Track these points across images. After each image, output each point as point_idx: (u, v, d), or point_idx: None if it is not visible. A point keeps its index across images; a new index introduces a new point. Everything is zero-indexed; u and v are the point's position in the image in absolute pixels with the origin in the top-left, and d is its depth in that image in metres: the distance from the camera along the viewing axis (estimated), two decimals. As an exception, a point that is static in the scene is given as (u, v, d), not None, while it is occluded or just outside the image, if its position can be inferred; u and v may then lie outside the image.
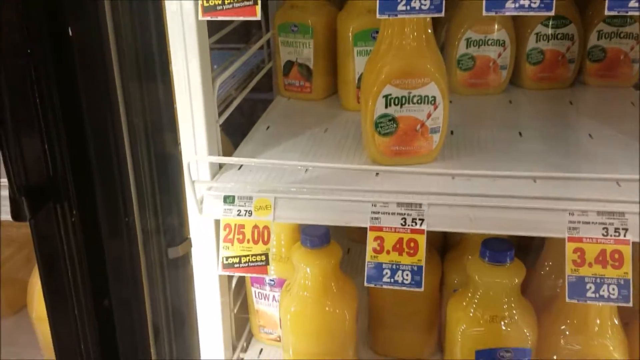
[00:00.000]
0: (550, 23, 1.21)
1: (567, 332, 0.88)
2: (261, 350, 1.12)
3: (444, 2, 0.74)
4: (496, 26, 1.20)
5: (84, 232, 0.64)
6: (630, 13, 0.71)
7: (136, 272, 0.68)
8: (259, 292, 1.08)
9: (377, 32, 1.11)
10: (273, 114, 1.21)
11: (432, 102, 0.90)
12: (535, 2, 0.73)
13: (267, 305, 1.08)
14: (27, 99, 0.59)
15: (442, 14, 0.74)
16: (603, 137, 1.02)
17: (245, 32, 1.54)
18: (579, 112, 1.15)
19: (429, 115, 0.91)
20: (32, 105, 0.60)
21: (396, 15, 0.76)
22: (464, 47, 1.21)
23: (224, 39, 1.23)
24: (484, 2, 0.73)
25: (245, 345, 1.13)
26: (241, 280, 1.11)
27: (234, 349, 1.09)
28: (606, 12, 0.71)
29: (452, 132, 1.06)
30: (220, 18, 0.77)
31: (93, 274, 0.67)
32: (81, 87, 0.60)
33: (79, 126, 0.61)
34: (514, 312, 0.87)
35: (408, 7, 0.75)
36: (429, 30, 0.88)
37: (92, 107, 0.61)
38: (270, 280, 1.05)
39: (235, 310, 1.09)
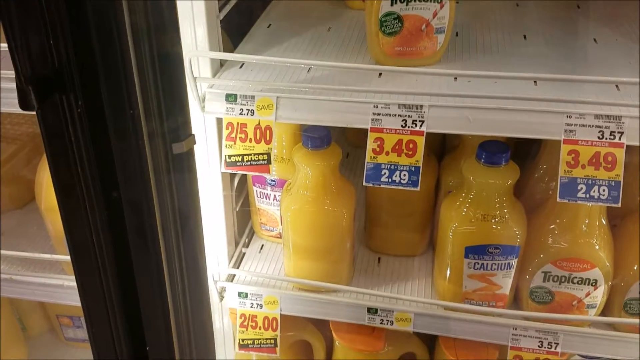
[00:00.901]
0: None
1: (556, 231, 0.92)
2: (262, 246, 1.17)
3: None
4: None
5: (90, 123, 0.65)
6: None
7: (143, 164, 0.70)
8: (260, 192, 1.11)
9: None
10: (274, 11, 1.18)
11: (439, 0, 0.88)
12: None
13: (268, 204, 1.12)
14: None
15: None
16: (607, 42, 1.01)
17: None
18: (585, 17, 1.13)
19: (434, 14, 0.89)
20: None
21: None
22: (473, -55, 1.16)
23: None
24: None
25: (247, 241, 1.18)
26: (243, 180, 1.14)
27: (237, 244, 1.14)
28: None
29: (456, 34, 1.05)
30: None
31: (101, 165, 0.69)
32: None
33: (83, 19, 0.60)
34: (505, 211, 0.91)
35: None
36: None
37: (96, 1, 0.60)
38: (271, 180, 1.08)
39: (237, 209, 1.12)
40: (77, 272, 0.77)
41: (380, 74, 0.93)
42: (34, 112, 0.65)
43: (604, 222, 0.91)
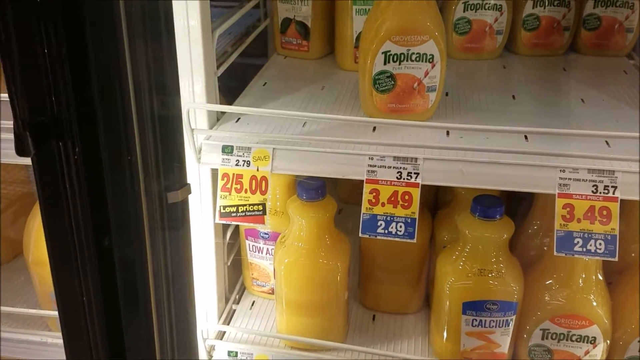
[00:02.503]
0: (548, -11, 1.22)
1: (553, 287, 0.91)
2: (253, 302, 1.15)
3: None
4: (494, -10, 1.20)
5: (87, 170, 0.65)
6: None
7: (138, 212, 0.69)
8: (253, 245, 1.10)
9: (376, -10, 1.13)
10: (269, 71, 1.21)
11: (430, 60, 0.91)
12: None
13: (260, 259, 1.10)
14: (34, 36, 0.59)
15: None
16: (595, 102, 1.04)
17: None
18: (572, 79, 1.17)
19: (426, 73, 0.92)
20: (39, 42, 0.60)
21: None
22: (461, 11, 1.22)
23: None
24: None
25: (237, 297, 1.16)
26: (235, 233, 1.13)
27: (227, 300, 1.11)
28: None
29: (447, 94, 1.07)
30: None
31: (94, 213, 0.68)
32: (88, 27, 0.60)
33: (84, 65, 0.61)
34: (502, 266, 0.90)
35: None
36: (430, -13, 0.89)
37: (98, 47, 0.61)
38: (265, 233, 1.07)
39: (229, 263, 1.11)
40: (64, 324, 0.75)
41: (374, 129, 0.94)
42: (29, 161, 0.65)
43: (601, 278, 0.90)
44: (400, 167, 0.85)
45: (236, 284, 1.18)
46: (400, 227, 0.84)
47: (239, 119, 0.98)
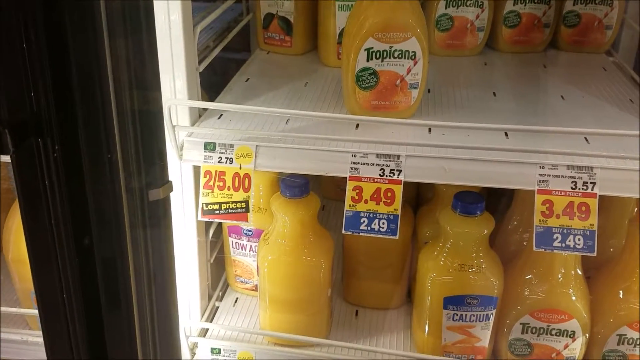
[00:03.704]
0: (528, -14, 1.23)
1: (533, 282, 0.92)
2: (236, 299, 1.14)
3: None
4: (475, -14, 1.21)
5: (66, 168, 0.64)
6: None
7: (118, 210, 0.68)
8: (236, 242, 1.09)
9: (359, -13, 1.13)
10: (252, 67, 1.21)
11: (413, 57, 0.91)
12: None
13: (243, 256, 1.10)
14: (13, 33, 0.58)
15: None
16: (574, 99, 1.05)
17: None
18: (552, 75, 1.18)
19: (408, 70, 0.92)
20: (18, 39, 0.59)
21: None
22: (442, 7, 1.22)
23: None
24: None
25: (220, 294, 1.15)
26: (217, 231, 1.13)
27: (210, 297, 1.11)
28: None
29: (428, 91, 1.08)
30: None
31: (74, 211, 0.67)
32: (67, 23, 0.59)
33: (63, 62, 0.60)
34: (482, 261, 0.91)
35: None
36: (412, -15, 0.89)
37: (78, 44, 0.61)
38: (248, 230, 1.07)
39: (212, 260, 1.10)
40: (45, 323, 0.74)
41: (357, 126, 0.94)
42: (8, 159, 0.64)
43: (580, 273, 0.92)
44: (383, 165, 0.85)
45: (219, 280, 1.17)
46: (383, 224, 0.85)
47: (221, 115, 0.97)
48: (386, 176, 0.85)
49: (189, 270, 1.01)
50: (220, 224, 1.11)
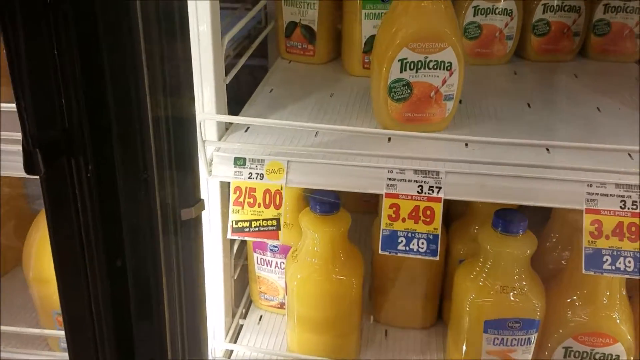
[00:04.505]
0: (558, -6, 1.20)
1: (576, 304, 0.88)
2: (261, 317, 1.11)
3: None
4: (504, -5, 1.18)
5: (99, 188, 0.60)
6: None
7: (153, 231, 0.65)
8: (261, 259, 1.06)
9: (387, -6, 1.09)
10: (275, 76, 1.17)
11: (448, 67, 0.88)
12: None
13: (269, 272, 1.06)
14: (45, 46, 0.54)
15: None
16: (611, 111, 1.02)
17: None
18: (584, 85, 1.14)
19: (444, 82, 0.89)
20: (50, 53, 0.55)
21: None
22: (471, 15, 1.19)
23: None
24: None
25: (244, 312, 1.12)
26: (241, 246, 1.09)
27: (233, 314, 1.07)
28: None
29: (460, 101, 1.04)
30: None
31: (107, 233, 0.64)
32: (102, 35, 0.55)
33: (98, 77, 0.57)
34: (524, 283, 0.87)
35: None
36: (447, -7, 0.86)
37: (114, 58, 0.57)
38: (273, 246, 1.03)
39: (236, 276, 1.07)
40: (72, 347, 0.70)
41: (389, 139, 0.91)
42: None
43: (624, 294, 0.88)
44: (421, 181, 0.82)
45: (242, 296, 1.14)
46: (422, 244, 0.81)
47: (248, 128, 0.94)
48: (425, 193, 0.82)
49: (213, 288, 0.97)
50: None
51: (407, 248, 0.81)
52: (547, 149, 0.86)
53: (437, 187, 0.81)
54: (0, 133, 0.80)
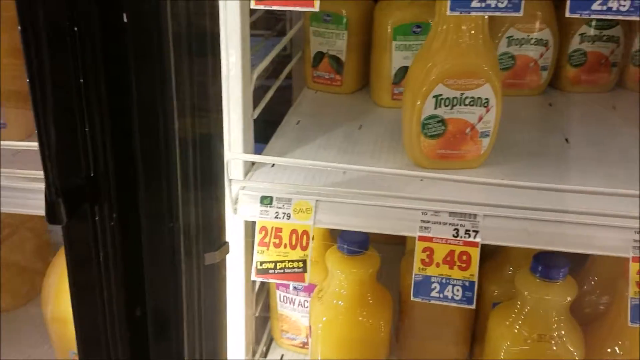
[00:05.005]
0: (595, 24, 1.16)
1: (617, 354, 0.83)
2: (282, 356, 1.07)
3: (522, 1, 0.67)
4: (539, 25, 1.14)
5: (123, 238, 0.58)
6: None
7: (177, 281, 0.62)
8: (283, 296, 1.02)
9: (418, 26, 1.06)
10: (302, 107, 1.14)
11: (485, 104, 0.85)
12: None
13: (291, 310, 1.03)
14: (72, 91, 0.52)
15: (520, 14, 0.68)
16: (655, 147, 0.97)
17: (265, 19, 1.46)
18: (623, 119, 1.10)
19: (480, 119, 0.85)
20: (76, 99, 0.53)
21: (469, 12, 0.69)
22: (504, 46, 1.15)
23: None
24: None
25: (264, 350, 1.08)
26: (263, 282, 1.06)
27: (254, 353, 1.04)
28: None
29: (494, 135, 1.00)
30: (274, 7, 0.71)
31: (128, 283, 0.61)
32: (133, 79, 0.53)
33: (126, 122, 0.54)
34: (563, 332, 0.82)
35: (483, 5, 0.68)
36: (486, 29, 0.82)
37: (144, 101, 0.54)
38: (297, 284, 1.00)
39: (257, 314, 1.03)
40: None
41: (422, 179, 0.87)
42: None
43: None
44: (457, 224, 0.78)
45: (262, 333, 1.10)
46: (457, 290, 0.77)
47: (274, 164, 0.91)
48: (461, 237, 0.78)
49: (233, 326, 0.94)
50: (267, 275, 1.04)
51: (442, 295, 0.77)
52: (591, 191, 0.82)
53: (474, 231, 0.77)
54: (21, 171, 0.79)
